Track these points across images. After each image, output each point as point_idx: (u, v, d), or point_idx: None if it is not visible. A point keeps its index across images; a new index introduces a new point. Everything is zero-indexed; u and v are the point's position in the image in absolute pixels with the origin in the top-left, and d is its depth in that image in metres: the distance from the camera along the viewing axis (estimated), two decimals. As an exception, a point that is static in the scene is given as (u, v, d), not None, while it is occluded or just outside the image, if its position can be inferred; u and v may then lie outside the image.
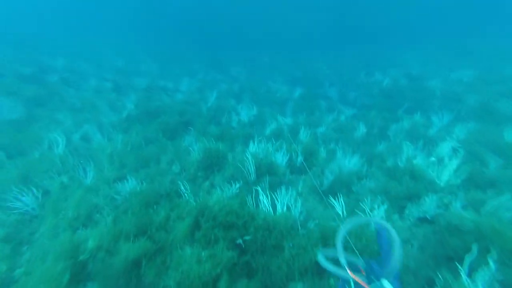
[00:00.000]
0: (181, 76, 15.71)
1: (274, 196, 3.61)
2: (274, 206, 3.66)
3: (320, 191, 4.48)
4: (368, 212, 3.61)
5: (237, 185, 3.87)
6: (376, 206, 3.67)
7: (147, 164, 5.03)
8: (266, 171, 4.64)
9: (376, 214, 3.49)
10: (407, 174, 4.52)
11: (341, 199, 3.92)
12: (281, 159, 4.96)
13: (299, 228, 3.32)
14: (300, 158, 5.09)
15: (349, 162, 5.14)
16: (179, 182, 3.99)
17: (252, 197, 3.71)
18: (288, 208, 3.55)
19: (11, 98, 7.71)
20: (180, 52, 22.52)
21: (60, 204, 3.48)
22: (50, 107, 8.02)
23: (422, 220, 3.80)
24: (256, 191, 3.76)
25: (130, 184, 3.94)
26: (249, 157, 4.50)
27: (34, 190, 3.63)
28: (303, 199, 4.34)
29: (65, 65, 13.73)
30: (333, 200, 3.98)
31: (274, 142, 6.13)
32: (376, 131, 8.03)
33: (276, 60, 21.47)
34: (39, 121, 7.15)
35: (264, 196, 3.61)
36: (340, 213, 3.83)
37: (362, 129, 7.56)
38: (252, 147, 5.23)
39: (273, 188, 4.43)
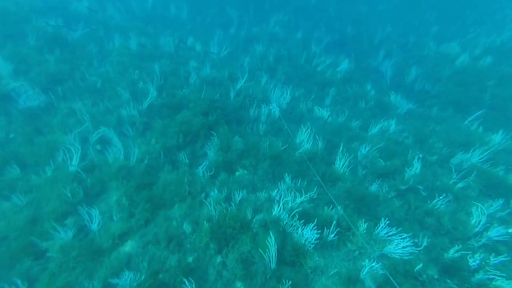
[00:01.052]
0: (213, 28, 13.13)
1: None
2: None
3: None
4: None
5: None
6: None
7: (158, 213, 4.18)
8: (290, 260, 3.57)
9: None
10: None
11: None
12: (310, 234, 3.77)
13: None
14: (332, 236, 3.85)
15: (398, 246, 3.80)
16: (185, 280, 3.16)
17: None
18: None
19: (32, 78, 6.74)
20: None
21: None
22: (70, 86, 6.99)
23: None
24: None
25: (127, 276, 3.21)
26: (272, 239, 3.40)
27: (19, 282, 3.08)
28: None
29: (91, 10, 11.79)
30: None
31: (304, 184, 4.82)
32: (436, 159, 6.04)
33: (325, 3, 16.69)
34: (57, 112, 6.30)
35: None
36: None
37: (415, 159, 5.48)
38: (276, 209, 4.01)
39: (295, 289, 3.47)
